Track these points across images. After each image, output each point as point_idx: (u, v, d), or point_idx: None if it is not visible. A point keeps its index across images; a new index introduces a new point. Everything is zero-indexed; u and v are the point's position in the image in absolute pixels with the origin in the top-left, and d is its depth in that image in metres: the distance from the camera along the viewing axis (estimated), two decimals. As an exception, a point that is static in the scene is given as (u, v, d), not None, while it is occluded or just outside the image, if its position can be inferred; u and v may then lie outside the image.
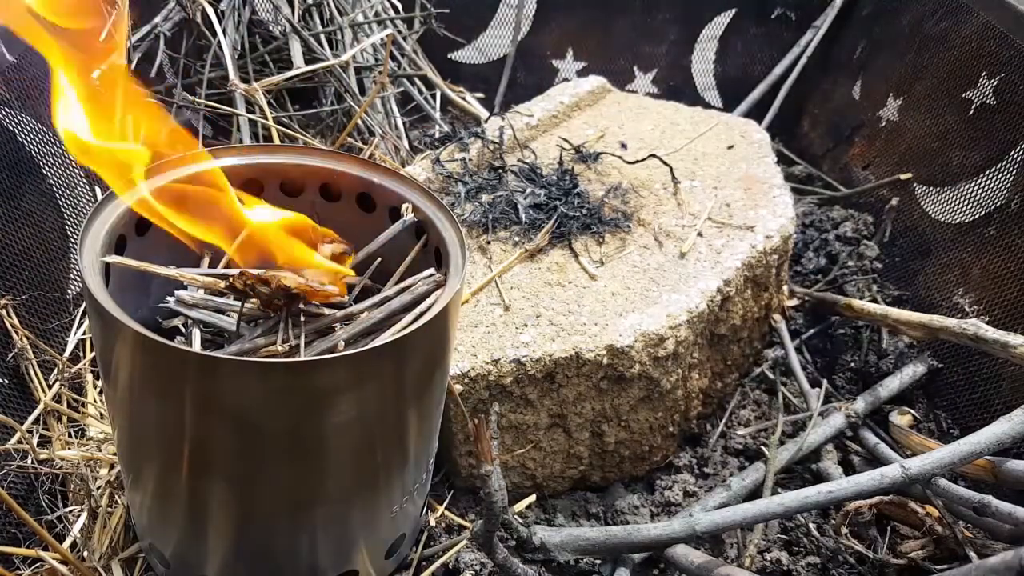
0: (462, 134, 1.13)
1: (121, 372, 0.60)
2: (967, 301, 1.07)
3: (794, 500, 0.78)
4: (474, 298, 0.89)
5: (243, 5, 1.30)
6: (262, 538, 0.67)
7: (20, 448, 0.79)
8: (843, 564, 0.85)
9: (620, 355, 0.83)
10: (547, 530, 0.79)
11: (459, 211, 1.00)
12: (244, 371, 0.56)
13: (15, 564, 0.75)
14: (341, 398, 0.59)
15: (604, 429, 0.88)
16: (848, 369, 1.09)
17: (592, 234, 0.98)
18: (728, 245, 0.97)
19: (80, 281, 0.81)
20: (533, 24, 1.64)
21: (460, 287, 0.64)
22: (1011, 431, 0.79)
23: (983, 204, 1.10)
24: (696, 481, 0.95)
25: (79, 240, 0.62)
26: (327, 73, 1.26)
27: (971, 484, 0.83)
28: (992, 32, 1.15)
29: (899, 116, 1.32)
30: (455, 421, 0.84)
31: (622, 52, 1.64)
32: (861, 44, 1.47)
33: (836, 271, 1.21)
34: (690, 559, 0.78)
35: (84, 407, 0.88)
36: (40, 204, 0.93)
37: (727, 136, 1.20)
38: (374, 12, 1.42)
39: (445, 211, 0.72)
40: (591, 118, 1.23)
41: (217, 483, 0.63)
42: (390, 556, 0.77)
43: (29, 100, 0.95)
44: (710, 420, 1.03)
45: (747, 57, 1.61)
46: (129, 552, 0.77)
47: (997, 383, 0.98)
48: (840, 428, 0.97)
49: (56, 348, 0.90)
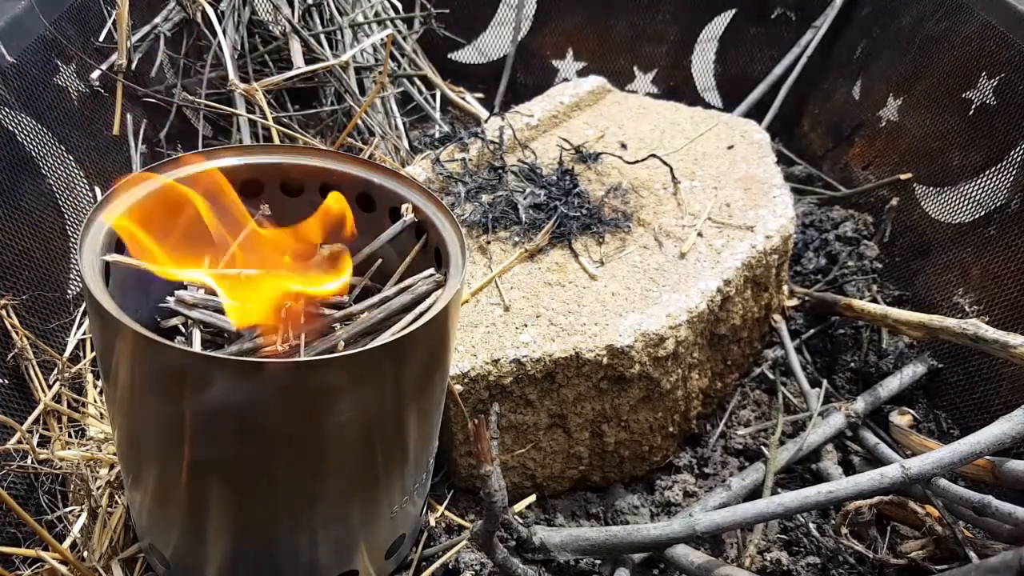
0: (462, 134, 1.13)
1: (121, 372, 0.59)
2: (967, 301, 1.07)
3: (794, 500, 0.78)
4: (474, 298, 0.89)
5: (243, 5, 1.30)
6: (262, 538, 0.67)
7: (20, 448, 0.79)
8: (843, 564, 0.85)
9: (620, 355, 0.83)
10: (547, 530, 0.79)
11: (459, 211, 1.00)
12: (244, 371, 0.56)
13: (15, 564, 0.75)
14: (341, 398, 0.59)
15: (604, 429, 0.88)
16: (848, 369, 1.09)
17: (592, 234, 0.98)
18: (728, 245, 0.97)
19: (80, 281, 0.81)
20: (533, 24, 1.64)
21: (460, 287, 0.64)
22: (1011, 431, 0.79)
23: (983, 204, 1.10)
24: (696, 481, 0.95)
25: (79, 240, 0.62)
26: (327, 73, 1.26)
27: (971, 484, 0.83)
28: (992, 32, 1.15)
29: (899, 116, 1.32)
30: (455, 421, 0.84)
31: (622, 52, 1.64)
32: (861, 44, 1.47)
33: (836, 271, 1.21)
34: (690, 559, 0.78)
35: (84, 407, 0.88)
36: (40, 204, 0.93)
37: (727, 136, 1.20)
38: (374, 12, 1.42)
39: (445, 211, 0.72)
40: (591, 118, 1.23)
41: (217, 483, 0.63)
42: (390, 556, 0.77)
43: (29, 100, 0.95)
44: (710, 420, 1.03)
45: (747, 57, 1.61)
46: (129, 552, 0.77)
47: (997, 383, 0.98)
48: (840, 428, 0.97)
49: (56, 348, 0.90)
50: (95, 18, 1.14)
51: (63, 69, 1.03)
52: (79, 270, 0.61)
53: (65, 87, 1.03)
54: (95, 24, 1.14)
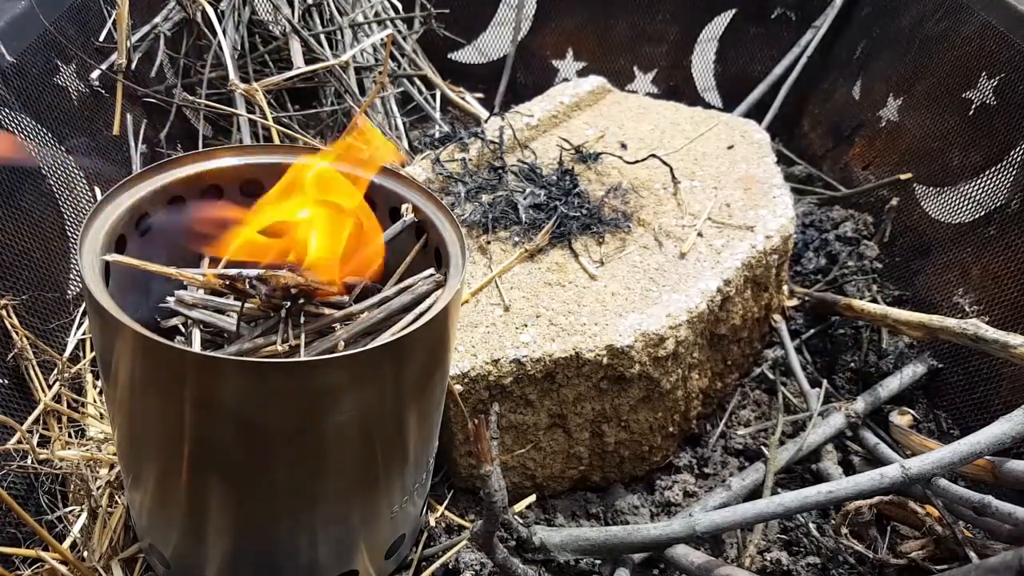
0: (462, 134, 1.13)
1: (121, 372, 0.59)
2: (967, 301, 1.07)
3: (794, 500, 0.78)
4: (474, 298, 0.89)
5: (243, 5, 1.31)
6: (262, 538, 0.67)
7: (20, 448, 0.79)
8: (843, 564, 0.85)
9: (620, 355, 0.83)
10: (547, 530, 0.79)
11: (459, 211, 1.00)
12: (244, 371, 0.56)
13: (15, 564, 0.75)
14: (341, 398, 0.59)
15: (604, 429, 0.88)
16: (848, 369, 1.09)
17: (592, 234, 0.98)
18: (728, 245, 0.97)
19: (80, 281, 0.81)
20: (533, 24, 1.64)
21: (460, 287, 0.64)
22: (1011, 431, 0.79)
23: (983, 204, 1.10)
24: (696, 481, 0.95)
25: (79, 240, 0.62)
26: (327, 73, 1.26)
27: (971, 484, 0.83)
28: (992, 32, 1.15)
29: (899, 116, 1.32)
30: (455, 421, 0.84)
31: (622, 52, 1.64)
32: (861, 44, 1.47)
33: (836, 271, 1.21)
34: (690, 559, 0.78)
35: (84, 407, 0.88)
36: (40, 204, 0.93)
37: (727, 136, 1.20)
38: (374, 12, 1.42)
39: (445, 211, 0.72)
40: (591, 118, 1.23)
41: (217, 483, 0.63)
42: (390, 556, 0.77)
43: (29, 100, 0.95)
44: (710, 420, 1.03)
45: (747, 57, 1.61)
46: (129, 552, 0.77)
47: (997, 383, 0.98)
48: (840, 428, 0.97)
49: (56, 348, 0.90)
50: (95, 18, 1.14)
51: (63, 69, 1.03)
52: (79, 270, 0.61)
53: (65, 87, 1.03)
54: (95, 24, 1.14)
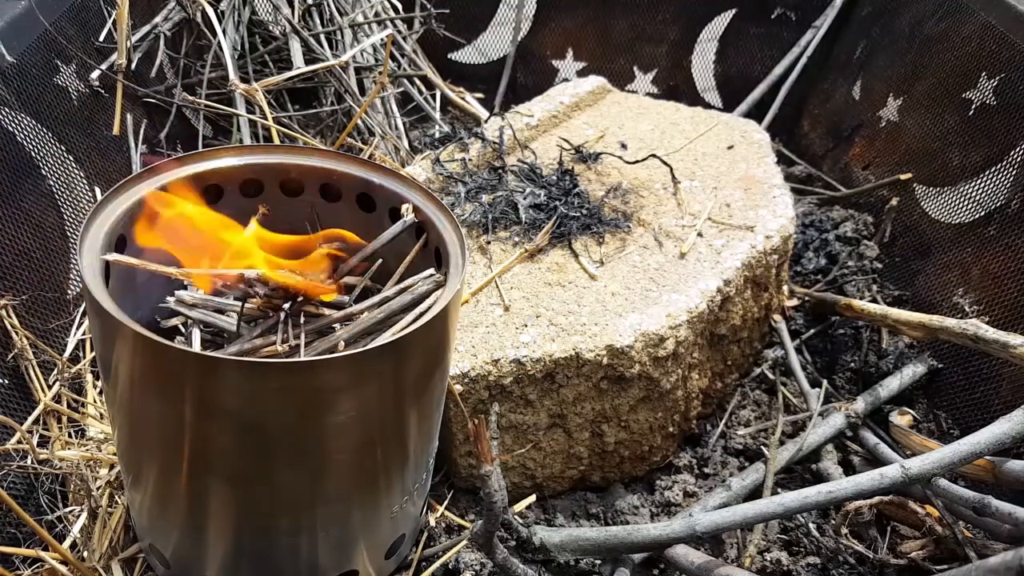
0: (462, 134, 1.13)
1: (121, 372, 0.60)
2: (967, 301, 1.07)
3: (794, 500, 0.78)
4: (474, 298, 0.89)
5: (243, 5, 1.31)
6: (262, 538, 0.67)
7: (20, 448, 0.79)
8: (843, 564, 0.85)
9: (620, 355, 0.83)
10: (547, 530, 0.79)
11: (459, 211, 1.00)
12: (244, 371, 0.56)
13: (15, 564, 0.75)
14: (341, 398, 0.59)
15: (604, 429, 0.88)
16: (848, 369, 1.09)
17: (592, 234, 0.98)
18: (728, 245, 0.97)
19: (80, 281, 0.81)
20: (533, 24, 1.64)
21: (460, 287, 0.64)
22: (1011, 431, 0.79)
23: (983, 204, 1.10)
24: (696, 481, 0.95)
25: (79, 240, 0.62)
26: (327, 73, 1.26)
27: (971, 484, 0.83)
28: (992, 32, 1.15)
29: (899, 116, 1.32)
30: (455, 421, 0.84)
31: (622, 52, 1.64)
32: (861, 44, 1.47)
33: (836, 271, 1.21)
34: (690, 559, 0.78)
35: (84, 407, 0.88)
36: (40, 204, 0.93)
37: (727, 136, 1.20)
38: (374, 12, 1.42)
39: (445, 211, 0.72)
40: (591, 118, 1.23)
41: (217, 483, 0.63)
42: (390, 556, 0.77)
43: (29, 100, 0.95)
44: (710, 420, 1.03)
45: (747, 57, 1.61)
46: (129, 552, 0.77)
47: (997, 383, 0.98)
48: (840, 428, 0.97)
49: (56, 348, 0.90)
50: (95, 18, 1.14)
51: (63, 69, 1.03)
52: (79, 270, 0.61)
53: (65, 87, 1.03)
54: (95, 24, 1.14)
